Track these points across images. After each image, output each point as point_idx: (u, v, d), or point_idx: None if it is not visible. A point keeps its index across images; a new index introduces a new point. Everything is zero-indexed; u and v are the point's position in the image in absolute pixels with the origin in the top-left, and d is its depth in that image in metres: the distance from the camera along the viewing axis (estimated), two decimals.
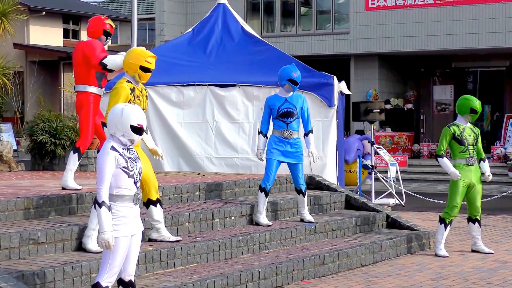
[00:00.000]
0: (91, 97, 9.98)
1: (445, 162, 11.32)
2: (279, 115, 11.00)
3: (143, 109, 8.81)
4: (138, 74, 8.82)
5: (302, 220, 11.27)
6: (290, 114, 11.03)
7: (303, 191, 11.20)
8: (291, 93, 11.10)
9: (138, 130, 6.83)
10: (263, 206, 10.98)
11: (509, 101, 27.26)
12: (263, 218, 10.95)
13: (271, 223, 10.98)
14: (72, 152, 10.01)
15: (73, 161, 9.97)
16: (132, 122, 6.80)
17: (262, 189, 10.97)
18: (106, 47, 10.18)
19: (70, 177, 9.95)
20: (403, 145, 25.89)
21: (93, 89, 10.00)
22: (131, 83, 8.81)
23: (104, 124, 9.64)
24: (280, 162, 11.09)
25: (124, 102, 8.43)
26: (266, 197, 10.98)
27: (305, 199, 11.28)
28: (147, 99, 9.10)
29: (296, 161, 11.13)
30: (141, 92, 8.90)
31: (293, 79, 10.99)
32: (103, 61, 9.74)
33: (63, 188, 9.94)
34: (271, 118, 11.13)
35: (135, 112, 6.85)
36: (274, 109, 11.04)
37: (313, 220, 11.21)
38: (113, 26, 10.33)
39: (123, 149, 6.84)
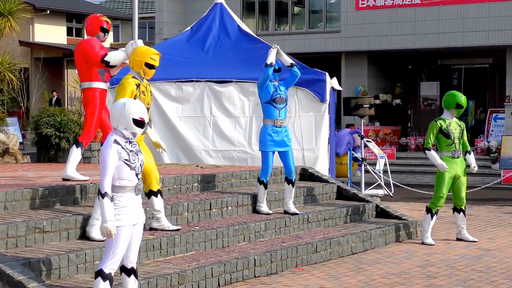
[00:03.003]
0: (97, 93, 9.88)
1: (433, 154, 11.32)
2: (272, 100, 10.98)
3: (148, 104, 8.80)
4: (143, 71, 8.80)
5: (286, 212, 11.15)
6: (281, 100, 11.01)
7: (293, 181, 11.18)
8: (277, 82, 11.09)
9: (140, 123, 6.81)
10: (263, 197, 11.03)
11: (492, 96, 27.30)
12: (264, 207, 11.01)
13: (271, 212, 11.01)
14: (74, 146, 9.89)
15: (75, 154, 9.84)
16: (134, 115, 6.79)
17: (261, 182, 11.00)
18: (108, 44, 10.14)
19: (73, 169, 9.88)
20: (389, 140, 25.91)
21: (98, 84, 9.90)
22: (137, 79, 8.79)
23: None
24: (274, 152, 11.08)
25: (130, 97, 8.42)
26: (266, 189, 11.02)
27: (293, 190, 11.21)
28: (151, 95, 9.08)
29: (288, 149, 11.12)
30: (146, 88, 8.88)
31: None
32: (104, 58, 9.69)
33: (64, 180, 9.88)
34: (262, 101, 11.09)
35: (136, 106, 6.84)
36: (268, 91, 10.98)
37: (298, 212, 11.12)
38: (110, 22, 10.25)
39: (126, 142, 6.82)
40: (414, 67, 28.48)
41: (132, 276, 6.99)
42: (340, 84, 17.39)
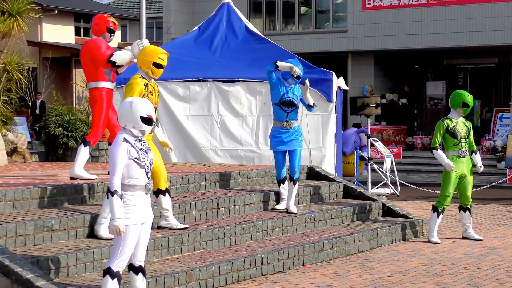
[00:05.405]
0: (104, 92, 9.87)
1: (440, 154, 11.30)
2: (281, 103, 11.03)
3: (155, 104, 8.79)
4: (151, 70, 8.78)
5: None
6: (291, 104, 11.06)
7: (295, 179, 11.18)
8: (292, 85, 11.13)
9: (147, 120, 6.82)
10: (283, 196, 11.25)
11: (497, 96, 27.25)
12: (281, 206, 11.24)
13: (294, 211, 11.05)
14: (82, 145, 9.90)
15: (83, 153, 9.83)
16: (141, 113, 6.79)
17: (278, 182, 11.28)
18: (115, 44, 10.12)
19: (81, 168, 9.89)
20: (393, 139, 25.87)
21: (105, 84, 9.89)
22: (145, 78, 8.77)
23: None
24: (284, 152, 11.17)
25: (138, 96, 8.40)
26: (281, 185, 11.25)
27: (295, 188, 11.16)
28: (158, 95, 9.07)
29: (295, 148, 11.17)
30: (154, 88, 8.87)
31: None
32: (111, 58, 9.67)
33: (72, 178, 9.88)
34: (272, 102, 11.20)
35: (143, 104, 6.84)
36: (278, 92, 11.04)
37: (295, 211, 10.99)
38: (116, 23, 10.23)
39: (135, 140, 6.83)
40: (420, 67, 28.44)
41: (140, 274, 7.00)
42: (346, 83, 17.39)
